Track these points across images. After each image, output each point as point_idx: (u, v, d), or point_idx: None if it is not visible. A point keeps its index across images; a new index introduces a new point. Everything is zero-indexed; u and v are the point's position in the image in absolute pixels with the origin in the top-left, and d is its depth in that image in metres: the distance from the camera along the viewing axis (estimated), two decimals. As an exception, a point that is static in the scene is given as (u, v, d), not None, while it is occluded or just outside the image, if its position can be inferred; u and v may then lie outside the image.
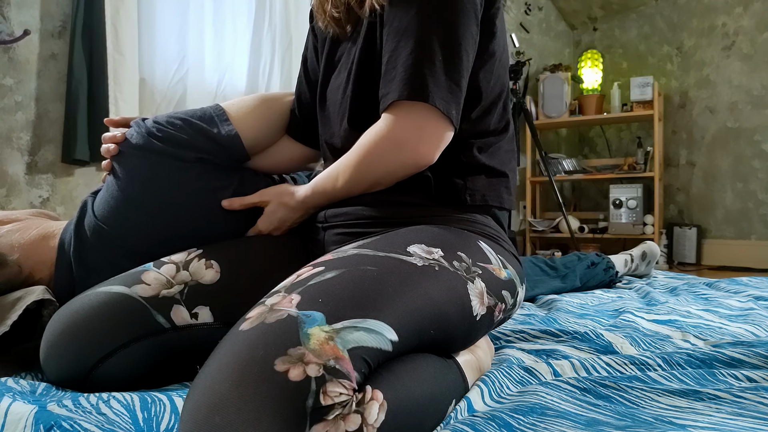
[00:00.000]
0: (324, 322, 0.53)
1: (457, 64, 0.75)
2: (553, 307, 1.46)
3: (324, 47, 0.92)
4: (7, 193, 1.90)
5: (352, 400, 0.50)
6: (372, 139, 0.77)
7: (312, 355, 0.50)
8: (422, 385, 0.61)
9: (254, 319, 0.55)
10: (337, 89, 0.87)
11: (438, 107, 0.73)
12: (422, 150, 0.76)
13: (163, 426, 0.61)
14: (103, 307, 0.74)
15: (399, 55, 0.74)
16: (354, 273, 0.61)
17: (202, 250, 0.84)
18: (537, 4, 4.01)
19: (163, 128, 0.88)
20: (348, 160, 0.81)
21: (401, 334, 0.58)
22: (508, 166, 0.87)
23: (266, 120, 0.98)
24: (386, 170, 0.78)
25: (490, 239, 0.81)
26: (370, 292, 0.59)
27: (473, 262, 0.73)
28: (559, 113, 3.70)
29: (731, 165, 3.45)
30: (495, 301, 0.75)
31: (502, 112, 0.86)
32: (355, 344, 0.53)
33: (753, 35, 3.37)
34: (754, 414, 0.64)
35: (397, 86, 0.73)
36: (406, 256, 0.67)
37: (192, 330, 0.77)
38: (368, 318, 0.56)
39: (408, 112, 0.74)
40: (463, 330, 0.71)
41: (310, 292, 0.58)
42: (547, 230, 3.70)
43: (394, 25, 0.76)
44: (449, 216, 0.80)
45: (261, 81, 2.52)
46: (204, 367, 0.53)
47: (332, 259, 0.65)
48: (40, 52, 1.96)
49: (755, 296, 1.56)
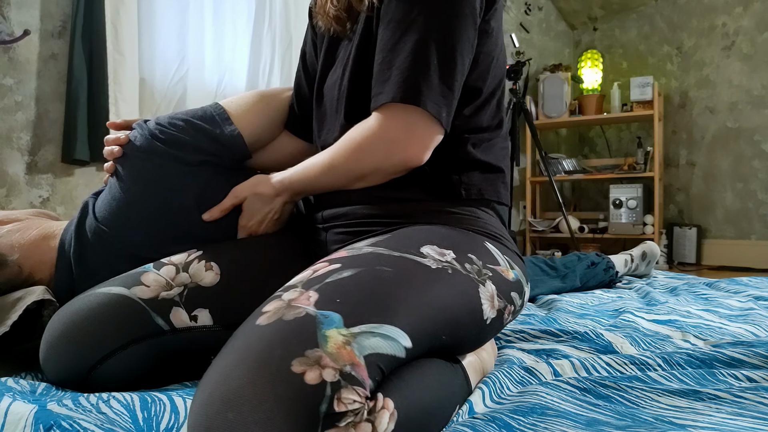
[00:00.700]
0: (342, 324, 0.53)
1: (452, 69, 0.75)
2: (553, 307, 1.46)
3: (323, 44, 0.92)
4: (7, 193, 1.90)
5: (364, 408, 0.50)
6: (363, 135, 0.77)
7: (329, 359, 0.49)
8: (430, 393, 0.62)
9: (272, 314, 0.54)
10: (333, 85, 0.87)
11: (429, 111, 0.73)
12: (412, 150, 0.76)
13: (163, 425, 0.61)
14: (102, 308, 0.73)
15: (395, 56, 0.74)
16: (370, 273, 0.61)
17: (202, 252, 0.84)
18: (537, 4, 4.01)
19: (166, 130, 0.88)
20: (337, 151, 0.80)
21: (415, 341, 0.58)
22: (503, 162, 0.87)
23: (266, 116, 0.98)
24: (374, 166, 0.78)
25: (495, 239, 0.81)
26: (387, 295, 0.59)
27: (483, 264, 0.73)
28: (559, 113, 3.70)
29: (731, 165, 3.45)
30: (504, 303, 0.75)
31: (495, 110, 0.86)
32: (371, 351, 0.53)
33: (753, 35, 3.37)
34: (754, 414, 0.64)
35: (391, 88, 0.73)
36: (420, 257, 0.67)
37: (191, 332, 0.77)
38: (385, 323, 0.56)
39: (400, 112, 0.74)
40: (474, 334, 0.71)
41: (327, 291, 0.57)
42: (547, 230, 3.70)
43: (390, 24, 0.76)
44: (449, 211, 0.80)
45: (261, 81, 2.52)
46: (218, 358, 0.52)
47: (348, 257, 0.65)
48: (40, 52, 1.96)
49: (755, 296, 1.56)
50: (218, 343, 0.56)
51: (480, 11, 0.78)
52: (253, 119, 0.95)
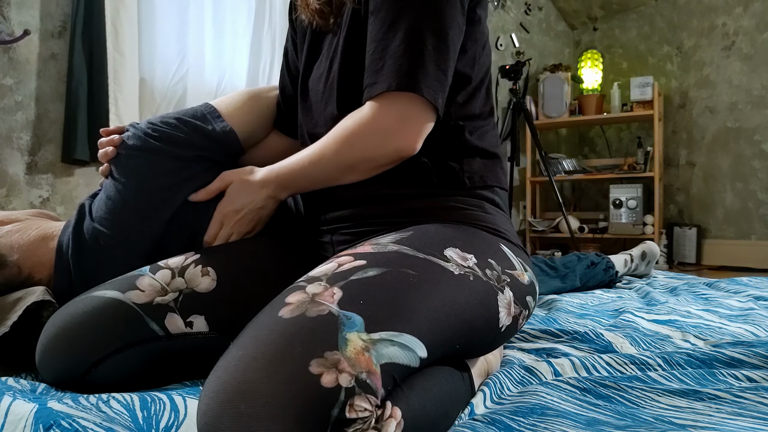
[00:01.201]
0: (363, 328, 0.53)
1: (445, 53, 0.75)
2: (553, 307, 1.46)
3: (305, 39, 0.92)
4: (7, 193, 1.90)
5: (373, 416, 0.50)
6: (356, 123, 0.77)
7: (347, 364, 0.49)
8: (437, 401, 0.62)
9: (295, 307, 0.54)
10: (319, 79, 0.87)
11: (426, 97, 0.73)
12: (405, 139, 0.75)
13: (163, 424, 0.61)
14: (96, 312, 0.73)
15: (387, 45, 0.74)
16: (395, 275, 0.61)
17: (199, 255, 0.83)
18: (537, 4, 4.01)
19: (159, 128, 0.88)
20: (328, 140, 0.80)
21: (430, 351, 0.58)
22: (496, 148, 0.87)
23: (256, 114, 0.99)
24: (365, 155, 0.77)
25: (507, 240, 0.81)
26: (410, 301, 0.59)
27: (502, 270, 0.73)
28: (559, 113, 3.70)
29: (731, 165, 3.45)
30: (520, 309, 0.74)
31: (486, 97, 0.87)
32: (388, 360, 0.53)
33: (753, 35, 3.37)
34: (754, 414, 0.64)
35: (386, 77, 0.73)
36: (444, 261, 0.67)
37: (187, 338, 0.76)
38: (405, 332, 0.56)
39: (394, 101, 0.74)
40: (487, 341, 0.72)
41: (351, 290, 0.57)
42: (547, 230, 3.70)
43: (380, 14, 0.76)
44: (457, 207, 0.80)
45: (261, 81, 2.52)
46: (236, 346, 0.52)
47: (373, 253, 0.65)
48: (40, 52, 1.96)
49: (755, 296, 1.56)
50: (215, 349, 0.56)
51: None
52: (243, 117, 0.96)
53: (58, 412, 0.58)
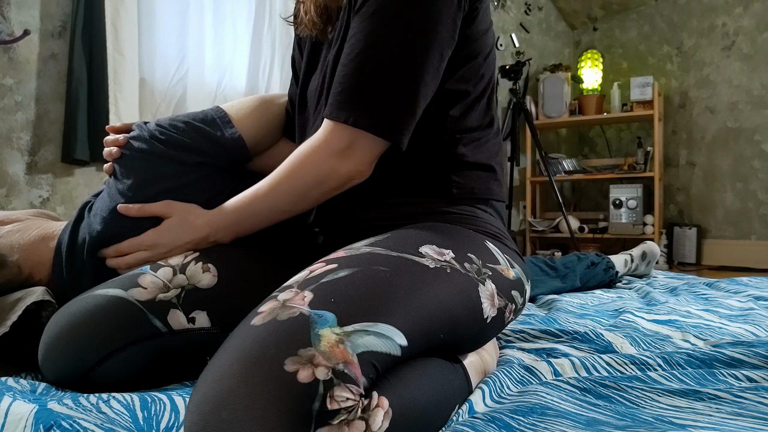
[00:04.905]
0: (335, 323, 0.53)
1: (410, 91, 0.74)
2: (553, 307, 1.46)
3: (305, 50, 0.92)
4: (7, 193, 1.90)
5: (358, 405, 0.50)
6: (307, 147, 0.78)
7: (322, 358, 0.50)
8: (428, 392, 0.61)
9: (266, 314, 0.55)
10: (314, 92, 0.87)
11: (371, 132, 0.73)
12: (356, 164, 0.76)
13: (163, 425, 0.61)
14: (100, 310, 0.73)
15: (346, 71, 0.74)
16: (366, 273, 0.61)
17: (198, 253, 0.83)
18: (537, 4, 4.01)
19: (166, 131, 0.88)
20: (278, 169, 0.80)
21: (411, 339, 0.58)
22: (494, 159, 0.87)
23: (266, 121, 0.98)
24: (317, 179, 0.78)
25: (495, 238, 0.81)
26: (382, 294, 0.59)
27: (483, 263, 0.73)
28: (559, 113, 3.70)
29: (731, 165, 3.45)
30: (505, 302, 0.75)
31: (486, 109, 0.86)
32: (365, 348, 0.53)
33: (753, 35, 3.37)
34: (754, 414, 0.64)
35: (336, 106, 0.74)
36: (419, 257, 0.67)
37: (189, 334, 0.76)
38: (379, 322, 0.56)
39: (343, 126, 0.75)
40: (474, 333, 0.71)
41: (322, 291, 0.57)
42: (547, 230, 3.70)
43: (355, 34, 0.76)
44: (448, 211, 0.80)
45: (261, 81, 2.52)
46: (214, 359, 0.53)
47: (345, 257, 0.65)
48: (40, 52, 1.96)
49: (755, 296, 1.56)
50: (217, 345, 0.56)
51: (459, 21, 0.77)
52: (253, 123, 0.95)
53: (58, 413, 0.58)
